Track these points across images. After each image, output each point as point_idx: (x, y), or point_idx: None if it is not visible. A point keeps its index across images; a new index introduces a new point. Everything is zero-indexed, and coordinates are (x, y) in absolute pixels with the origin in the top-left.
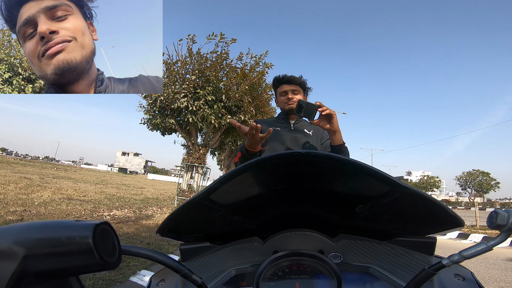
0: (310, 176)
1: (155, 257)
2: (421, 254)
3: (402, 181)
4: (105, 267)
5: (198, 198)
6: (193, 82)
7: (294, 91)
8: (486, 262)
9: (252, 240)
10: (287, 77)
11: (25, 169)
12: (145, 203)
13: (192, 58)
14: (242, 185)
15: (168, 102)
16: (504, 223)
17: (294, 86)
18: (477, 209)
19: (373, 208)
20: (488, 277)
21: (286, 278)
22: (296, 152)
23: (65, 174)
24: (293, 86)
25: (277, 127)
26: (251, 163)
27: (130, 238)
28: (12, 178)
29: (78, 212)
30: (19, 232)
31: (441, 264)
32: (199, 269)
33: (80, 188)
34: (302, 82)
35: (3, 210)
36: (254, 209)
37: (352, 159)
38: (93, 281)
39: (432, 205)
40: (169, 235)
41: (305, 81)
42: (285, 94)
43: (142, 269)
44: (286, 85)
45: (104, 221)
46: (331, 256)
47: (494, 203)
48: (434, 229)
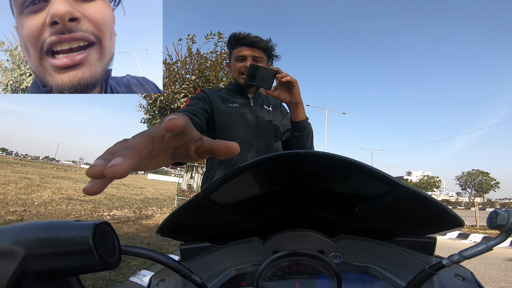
0: (310, 176)
1: (155, 257)
2: (421, 254)
3: (402, 181)
4: (105, 267)
5: (198, 198)
6: (193, 82)
7: (256, 58)
8: (486, 262)
9: (252, 240)
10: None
11: (25, 169)
12: (145, 203)
13: (192, 58)
14: (242, 185)
15: (168, 102)
16: (504, 223)
17: (257, 51)
18: (477, 209)
19: (373, 208)
20: (488, 277)
21: (286, 278)
22: (296, 152)
23: (65, 174)
24: (256, 51)
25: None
26: (251, 163)
27: (130, 238)
28: (12, 178)
29: (78, 212)
30: (19, 232)
31: (441, 264)
32: (199, 269)
33: (80, 188)
34: (269, 47)
35: (3, 210)
36: (254, 209)
37: (352, 159)
38: (93, 281)
39: (432, 205)
40: (169, 235)
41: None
42: (243, 60)
43: (142, 269)
44: (246, 48)
45: (104, 221)
46: (331, 256)
47: (494, 203)
48: (434, 229)
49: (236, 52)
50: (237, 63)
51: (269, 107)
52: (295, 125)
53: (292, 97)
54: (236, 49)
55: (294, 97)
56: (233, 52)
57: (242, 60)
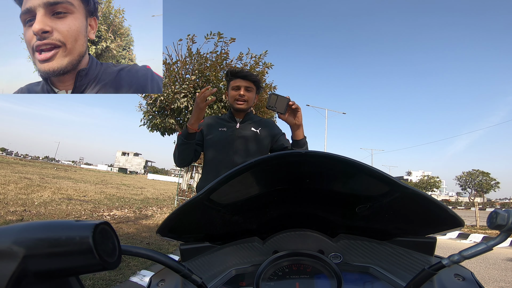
0: (310, 176)
1: (155, 257)
2: (421, 254)
3: (402, 181)
4: (105, 267)
5: (198, 198)
6: (193, 82)
7: (247, 88)
8: (486, 262)
9: (252, 240)
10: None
11: (25, 169)
12: (145, 203)
13: (192, 58)
14: (242, 185)
15: (168, 102)
16: (504, 223)
17: (248, 82)
18: (477, 209)
19: (373, 208)
20: (488, 277)
21: (286, 278)
22: (296, 152)
23: (65, 174)
24: (248, 83)
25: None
26: (251, 163)
27: (130, 238)
28: (12, 178)
29: (78, 212)
30: (19, 232)
31: (441, 264)
32: (199, 269)
33: (80, 188)
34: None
35: (3, 210)
36: (254, 209)
37: (352, 159)
38: (93, 281)
39: (432, 205)
40: (169, 235)
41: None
42: (237, 89)
43: (142, 269)
44: (240, 80)
45: (104, 221)
46: (331, 256)
47: (494, 203)
48: (434, 229)
49: (233, 83)
50: (233, 91)
51: (257, 130)
52: (296, 143)
53: (297, 120)
54: (233, 81)
55: (298, 120)
56: (230, 83)
57: (237, 89)
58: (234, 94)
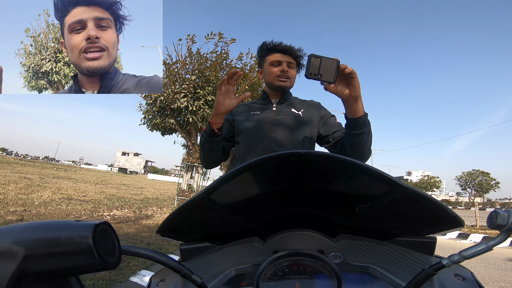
0: (310, 176)
1: (155, 257)
2: (421, 254)
3: (402, 181)
4: (105, 267)
5: (198, 198)
6: (193, 82)
7: (289, 64)
8: (486, 262)
9: (252, 240)
10: (283, 44)
11: (25, 169)
12: (145, 203)
13: (192, 58)
14: (242, 185)
15: (168, 102)
16: (504, 223)
17: (290, 57)
18: (477, 209)
19: (373, 208)
20: (488, 277)
21: (286, 278)
22: (296, 152)
23: (65, 174)
24: (289, 58)
25: (256, 111)
26: (251, 163)
27: (130, 238)
28: (12, 178)
29: (78, 212)
30: (19, 232)
31: (441, 264)
32: (199, 269)
33: (80, 188)
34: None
35: (3, 210)
36: (254, 209)
37: (352, 159)
38: (93, 281)
39: (432, 205)
40: (169, 235)
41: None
42: (278, 65)
43: (142, 269)
44: (280, 55)
45: (104, 221)
46: (331, 256)
47: (494, 203)
48: (434, 229)
49: (270, 58)
50: (272, 67)
51: (299, 112)
52: (353, 122)
53: (352, 90)
54: (270, 56)
55: (354, 90)
56: (267, 58)
57: (278, 65)
58: (275, 70)
